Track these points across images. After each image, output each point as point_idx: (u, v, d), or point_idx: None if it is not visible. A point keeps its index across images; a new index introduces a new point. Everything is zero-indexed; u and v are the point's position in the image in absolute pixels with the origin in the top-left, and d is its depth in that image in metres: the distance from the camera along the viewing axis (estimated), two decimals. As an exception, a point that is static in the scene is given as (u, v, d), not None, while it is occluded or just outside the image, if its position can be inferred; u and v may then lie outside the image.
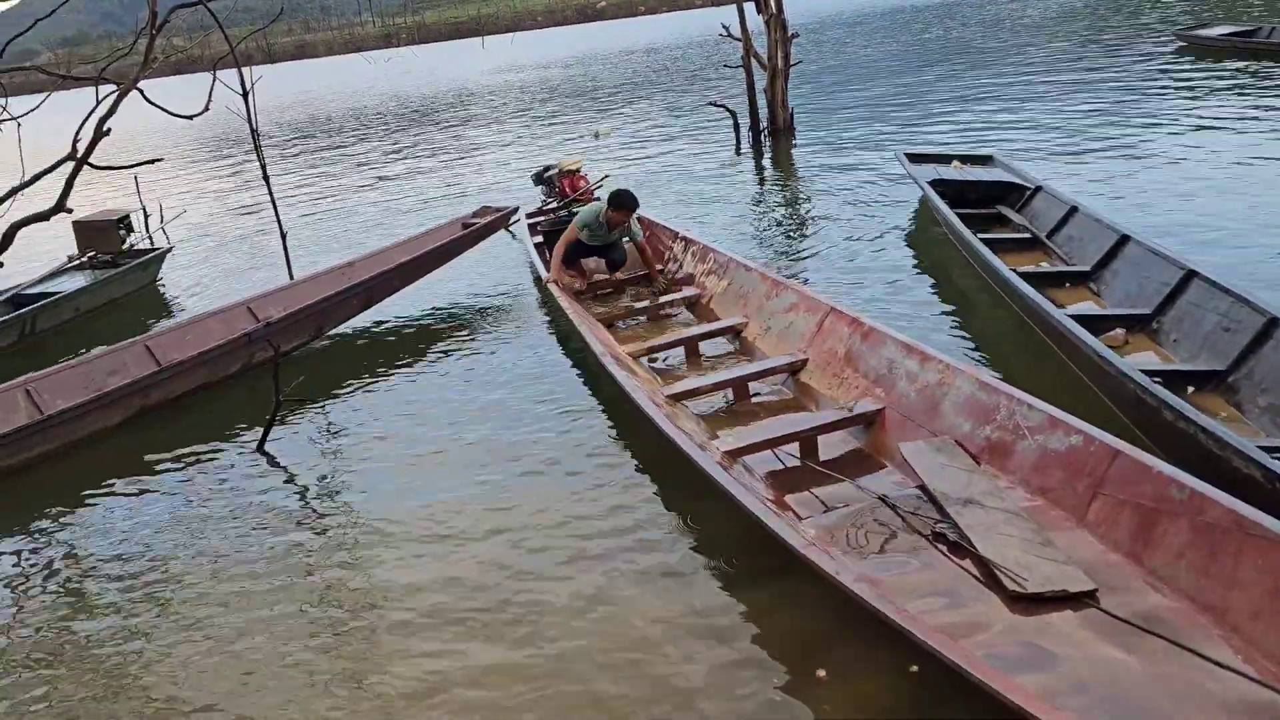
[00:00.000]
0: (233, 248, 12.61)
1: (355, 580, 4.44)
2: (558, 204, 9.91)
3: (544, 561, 4.35)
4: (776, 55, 14.66)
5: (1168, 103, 13.42)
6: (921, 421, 4.67)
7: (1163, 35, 21.32)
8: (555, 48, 57.70)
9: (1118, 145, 11.16)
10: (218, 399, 6.94)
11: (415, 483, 5.32)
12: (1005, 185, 8.53)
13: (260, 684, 3.77)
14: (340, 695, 3.65)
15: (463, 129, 23.53)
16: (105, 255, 10.46)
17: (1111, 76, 16.79)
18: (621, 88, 28.88)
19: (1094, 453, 3.82)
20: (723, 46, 18.46)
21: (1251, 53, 16.82)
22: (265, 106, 15.86)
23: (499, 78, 40.51)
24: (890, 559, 3.79)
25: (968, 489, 4.04)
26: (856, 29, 39.87)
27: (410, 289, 8.37)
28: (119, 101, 8.03)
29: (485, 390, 6.48)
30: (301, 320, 7.52)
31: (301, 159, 21.85)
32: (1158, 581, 3.38)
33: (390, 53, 55.12)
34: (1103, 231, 6.81)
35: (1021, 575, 3.46)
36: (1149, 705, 2.90)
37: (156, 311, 9.85)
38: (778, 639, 3.65)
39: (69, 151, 9.58)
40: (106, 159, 10.38)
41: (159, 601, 4.46)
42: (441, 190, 14.83)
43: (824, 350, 5.62)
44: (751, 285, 6.74)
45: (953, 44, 27.73)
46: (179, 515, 5.28)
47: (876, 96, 19.14)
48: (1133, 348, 5.52)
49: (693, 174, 13.22)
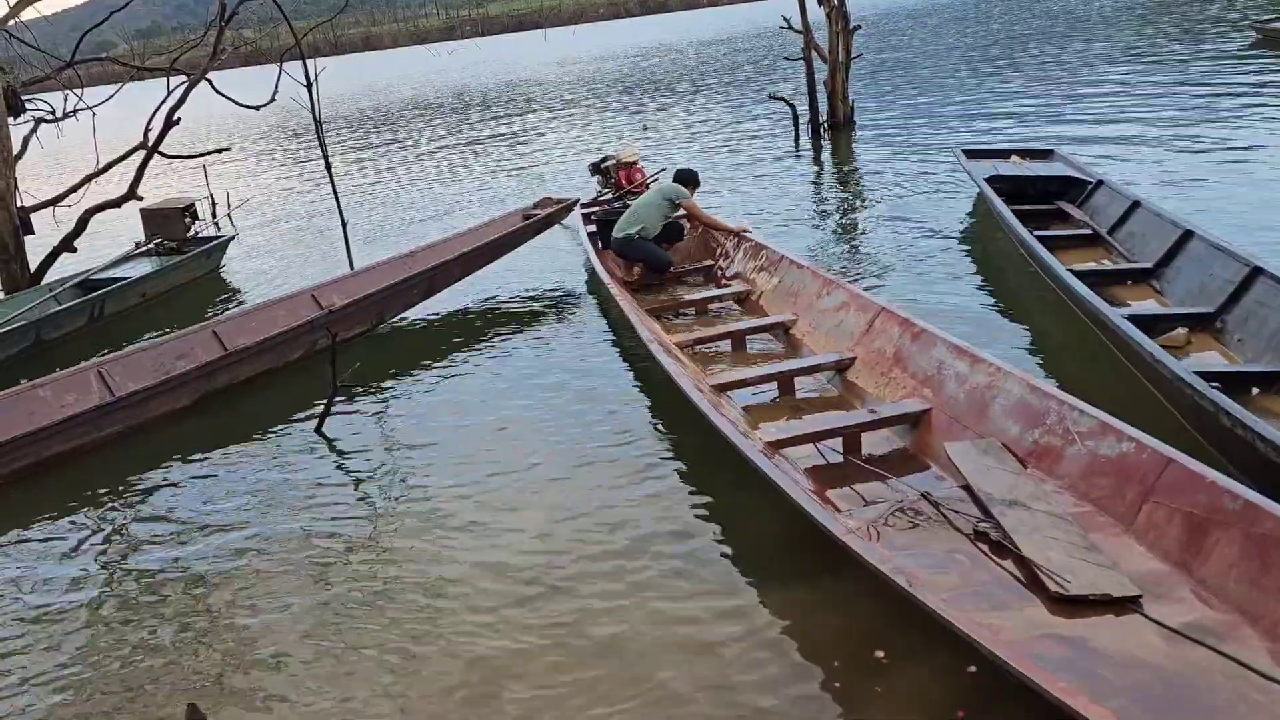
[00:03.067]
0: (295, 236, 12.86)
1: (403, 561, 4.53)
2: (613, 195, 9.96)
3: (592, 549, 4.40)
4: (837, 48, 14.55)
5: (1240, 98, 13.05)
6: (968, 423, 4.63)
7: (1238, 27, 20.72)
8: (617, 40, 57.77)
9: (1186, 140, 10.90)
10: (281, 384, 7.11)
11: (465, 467, 5.40)
12: (1065, 180, 8.39)
13: (313, 660, 3.87)
14: (392, 673, 3.74)
15: (523, 120, 23.72)
16: (171, 242, 10.74)
17: (1182, 69, 16.37)
18: (681, 80, 28.87)
19: (1145, 460, 3.76)
20: (783, 39, 18.34)
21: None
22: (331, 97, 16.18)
23: (560, 70, 40.72)
24: (930, 555, 3.76)
25: (1013, 491, 4.00)
26: (919, 21, 39.33)
27: (466, 279, 8.48)
28: (188, 92, 8.26)
29: (536, 379, 6.55)
30: (364, 308, 7.67)
31: (365, 150, 22.21)
32: (1206, 592, 3.31)
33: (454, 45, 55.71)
34: (1165, 227, 6.67)
35: (1064, 577, 3.42)
36: (1193, 714, 2.85)
37: (219, 298, 10.10)
38: (826, 631, 3.65)
39: (140, 140, 9.88)
40: (178, 149, 10.70)
41: (217, 578, 4.59)
42: (502, 181, 14.98)
43: (872, 350, 5.60)
44: (803, 283, 6.73)
45: (1016, 36, 27.23)
46: (238, 495, 5.43)
47: (938, 90, 18.90)
48: (1196, 347, 5.40)
49: (750, 167, 13.19)
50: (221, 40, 8.63)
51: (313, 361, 7.21)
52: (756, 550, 4.26)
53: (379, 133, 25.99)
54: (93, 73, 12.16)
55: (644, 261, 7.91)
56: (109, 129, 11.64)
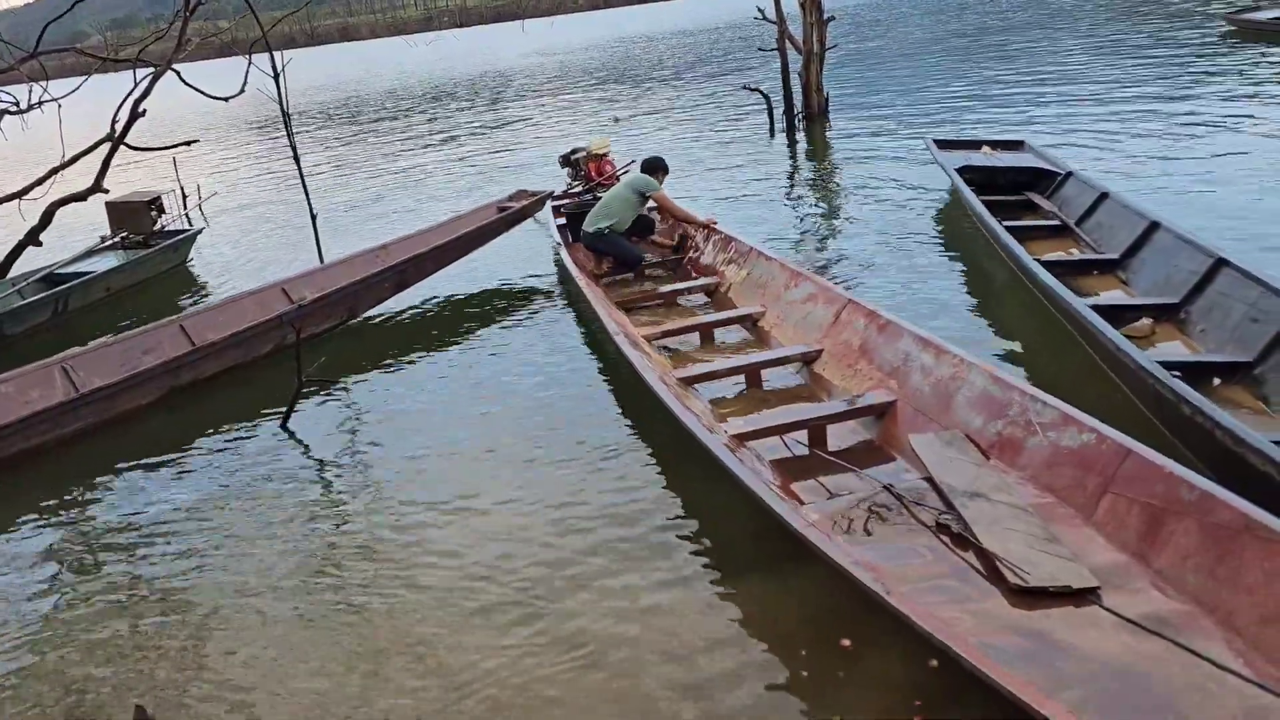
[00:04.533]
0: (264, 229, 12.77)
1: (370, 558, 4.50)
2: (583, 187, 9.92)
3: (560, 545, 4.38)
4: (812, 39, 14.54)
5: (1212, 88, 13.13)
6: (933, 415, 4.65)
7: (1211, 17, 20.86)
8: (595, 31, 57.62)
9: (1158, 131, 10.96)
10: (250, 379, 7.05)
11: (433, 463, 5.39)
12: (1035, 171, 8.42)
13: (276, 662, 3.84)
14: (356, 674, 3.71)
15: (498, 112, 23.61)
16: (137, 236, 10.64)
17: (1156, 60, 16.46)
18: (657, 71, 28.81)
19: (1105, 451, 3.78)
20: (759, 30, 18.32)
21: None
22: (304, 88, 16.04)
23: (537, 61, 40.56)
24: (892, 547, 3.77)
25: (975, 483, 4.01)
26: (892, 12, 39.38)
27: (439, 273, 8.43)
28: (154, 83, 8.16)
29: (506, 373, 6.53)
30: (335, 302, 7.60)
31: (338, 141, 22.05)
32: (1163, 582, 3.33)
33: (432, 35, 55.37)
34: (1132, 218, 6.70)
35: (1024, 569, 3.43)
36: (1149, 705, 2.86)
37: (187, 292, 10.01)
38: (793, 621, 3.65)
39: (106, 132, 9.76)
40: (148, 141, 10.57)
41: (182, 578, 4.55)
42: (475, 173, 14.91)
43: (839, 341, 5.61)
44: (771, 275, 6.73)
45: (990, 27, 27.31)
46: (203, 492, 5.38)
47: (912, 81, 18.94)
48: (1160, 337, 5.43)
49: (725, 159, 13.17)
50: (186, 31, 8.52)
51: (282, 356, 7.14)
52: (724, 542, 4.25)
53: (353, 124, 25.82)
54: (65, 64, 11.99)
55: (614, 257, 7.89)
56: (79, 121, 11.50)
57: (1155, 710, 2.84)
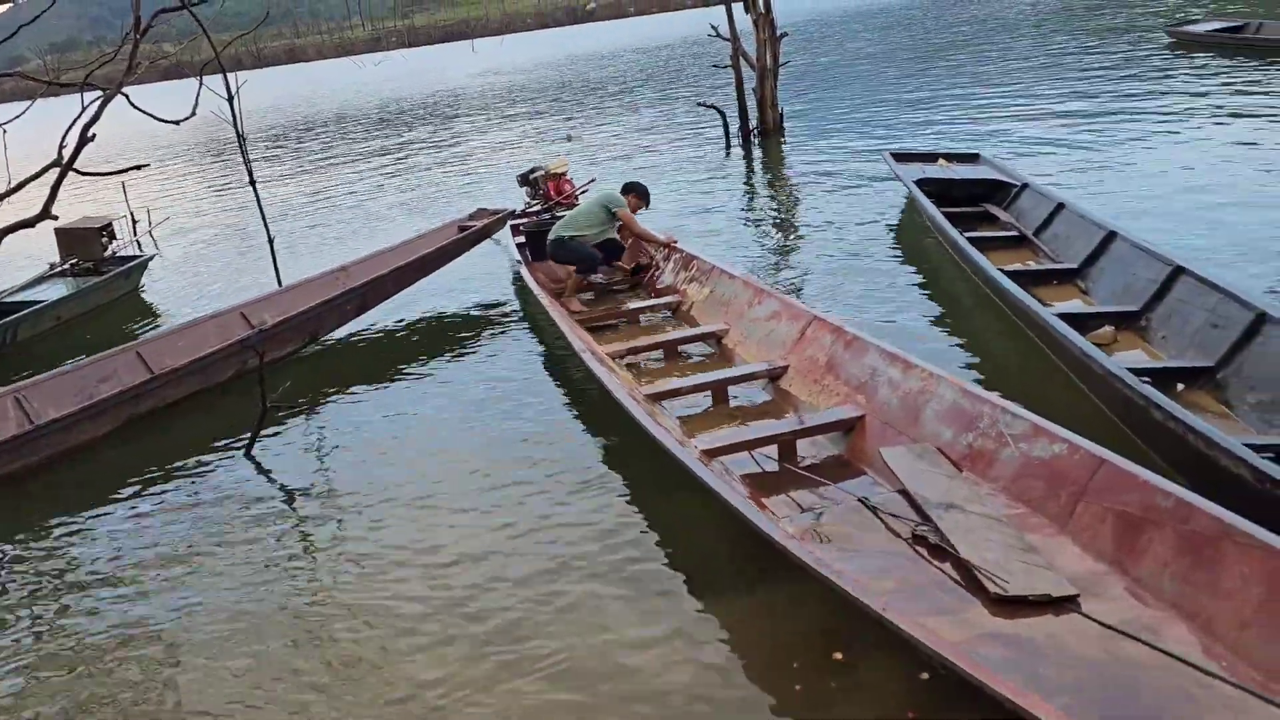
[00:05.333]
0: (219, 253, 12.57)
1: (336, 585, 4.42)
2: (541, 206, 9.89)
3: (529, 567, 4.32)
4: (765, 55, 14.66)
5: (1156, 99, 13.44)
6: (902, 429, 4.66)
7: (1153, 31, 21.38)
8: (545, 50, 57.71)
9: (1106, 141, 11.19)
10: (211, 405, 6.91)
11: (399, 486, 5.30)
12: (991, 183, 8.55)
13: (245, 693, 3.75)
14: (325, 705, 3.63)
15: (451, 132, 23.51)
16: (88, 262, 10.45)
17: (1101, 72, 16.82)
18: (611, 89, 28.90)
19: (1078, 461, 3.81)
20: (712, 47, 18.45)
21: (1238, 48, 16.89)
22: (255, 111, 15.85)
23: (488, 80, 40.51)
24: (869, 560, 3.76)
25: (949, 494, 4.03)
26: (844, 28, 39.90)
27: (400, 294, 8.34)
28: (104, 107, 7.99)
29: (469, 394, 6.47)
30: (296, 326, 7.50)
31: (291, 164, 21.82)
32: (1141, 589, 3.36)
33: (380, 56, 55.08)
34: (1089, 228, 6.82)
35: (1003, 578, 3.45)
36: (1135, 709, 2.88)
37: (140, 319, 9.82)
38: (784, 635, 3.63)
39: (55, 158, 9.52)
40: (96, 166, 10.37)
41: (141, 613, 4.43)
42: (431, 193, 14.82)
43: (805, 358, 5.62)
44: (734, 293, 6.74)
45: (941, 42, 27.76)
46: (166, 523, 5.26)
47: (866, 95, 19.17)
48: (1121, 345, 5.52)
49: (682, 175, 13.20)
50: (137, 54, 8.37)
51: (243, 382, 7.02)
52: (702, 560, 4.23)
53: (305, 146, 25.56)
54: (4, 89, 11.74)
55: (573, 263, 7.75)
56: (24, 147, 11.24)
57: (1142, 715, 2.86)
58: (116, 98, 9.28)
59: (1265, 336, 4.76)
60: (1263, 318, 4.82)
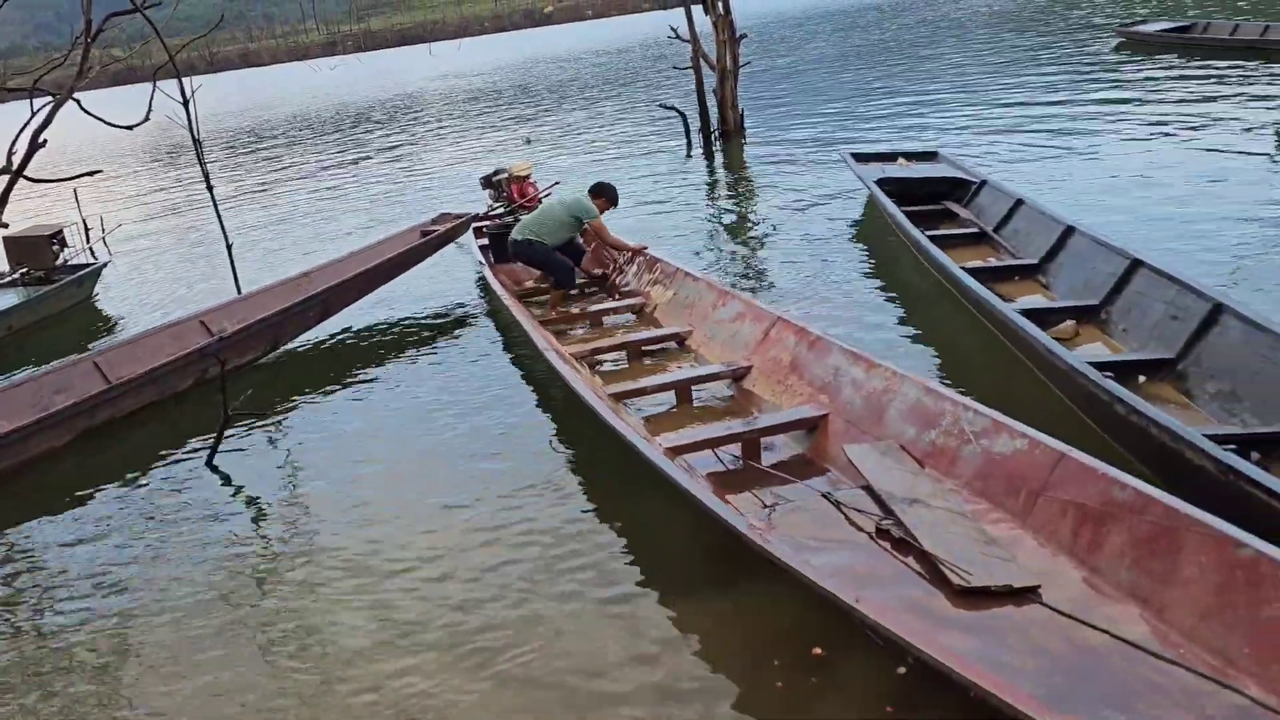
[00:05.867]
0: (176, 260, 12.39)
1: (301, 594, 4.36)
2: (505, 209, 9.83)
3: (499, 570, 4.28)
4: (725, 56, 14.70)
5: (1108, 96, 13.67)
6: (866, 427, 4.69)
7: (1104, 31, 21.74)
8: (503, 53, 57.52)
9: (1061, 138, 11.35)
10: (169, 416, 6.79)
11: (364, 492, 5.25)
12: (951, 181, 8.63)
13: (206, 703, 3.69)
14: (279, 708, 3.59)
15: (410, 135, 23.35)
16: (38, 271, 10.24)
17: (1054, 71, 17.07)
18: (570, 91, 28.86)
19: (1038, 456, 3.86)
20: (672, 49, 18.48)
21: (1186, 48, 17.23)
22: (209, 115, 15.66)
23: (447, 84, 40.29)
24: (835, 555, 3.78)
25: (912, 489, 4.06)
26: (803, 29, 40.18)
27: (363, 299, 8.25)
28: (54, 112, 7.83)
29: (434, 398, 6.41)
30: (257, 333, 7.39)
31: (248, 169, 21.55)
32: (1101, 580, 3.40)
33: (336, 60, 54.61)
34: (1048, 224, 6.90)
35: (966, 570, 3.48)
36: (1097, 697, 2.91)
37: (94, 328, 9.65)
38: (764, 632, 3.62)
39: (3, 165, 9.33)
40: (47, 173, 10.17)
41: (105, 624, 4.35)
42: (390, 197, 14.69)
43: (769, 358, 5.64)
44: (698, 295, 6.74)
45: (899, 43, 28.05)
46: (125, 537, 5.15)
47: (825, 96, 19.29)
48: (1083, 339, 5.58)
49: (643, 177, 13.21)
50: (89, 58, 8.22)
51: (202, 391, 6.91)
52: (679, 558, 4.22)
53: (262, 151, 25.26)
54: (-50, 97, 11.46)
55: (543, 269, 7.65)
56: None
57: (1104, 701, 2.90)
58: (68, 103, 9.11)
59: (1222, 326, 4.84)
60: (1219, 308, 4.90)
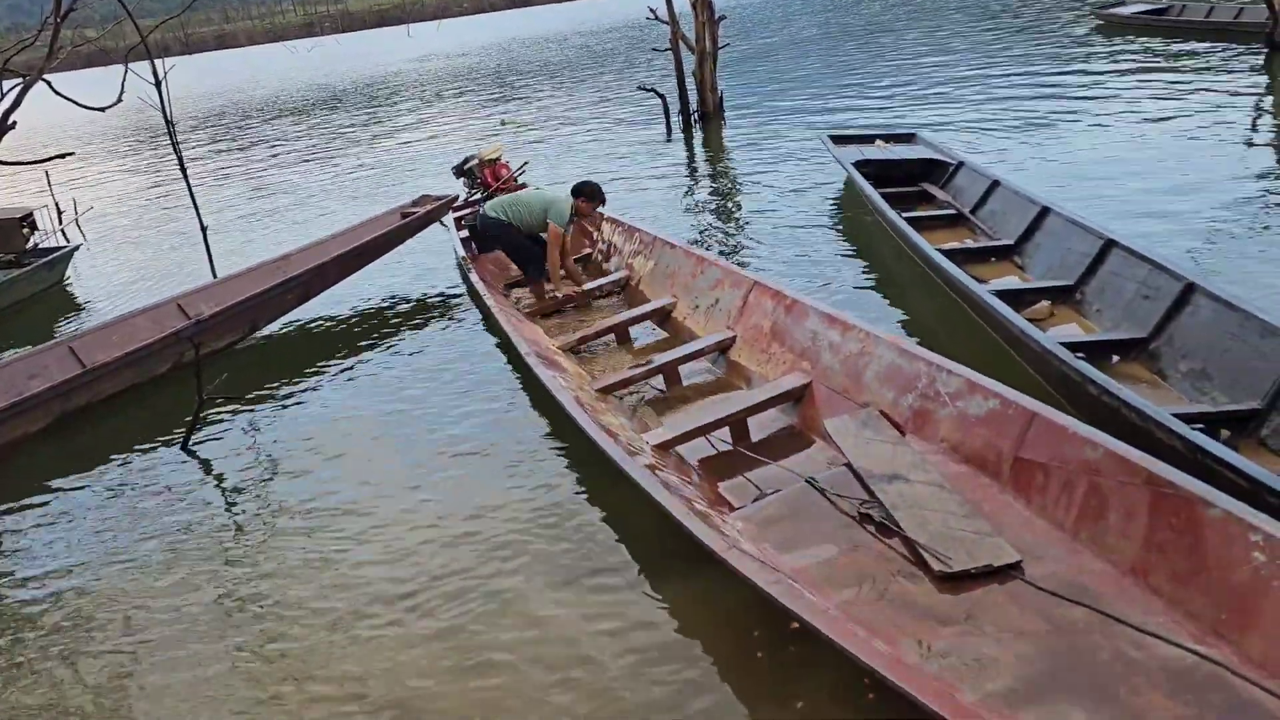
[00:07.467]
0: (150, 243, 12.28)
1: (277, 579, 4.36)
2: (482, 195, 9.79)
3: (476, 558, 4.28)
4: (704, 38, 14.66)
5: (1084, 78, 13.73)
6: (848, 394, 4.70)
7: (1081, 13, 21.80)
8: (483, 35, 57.11)
9: (1039, 119, 11.40)
10: (146, 400, 6.75)
11: (341, 478, 5.24)
12: (928, 163, 8.65)
13: (181, 688, 3.69)
14: (261, 696, 3.59)
15: (391, 117, 23.18)
16: (8, 255, 10.15)
17: (1031, 53, 17.12)
18: (549, 72, 28.71)
19: (1012, 415, 3.87)
20: (651, 31, 18.41)
21: (1162, 30, 17.31)
22: (184, 97, 15.50)
23: (426, 65, 39.99)
24: (819, 548, 3.76)
25: (892, 463, 4.06)
26: (781, 10, 40.08)
27: (343, 282, 8.20)
28: (24, 94, 7.74)
29: (413, 384, 6.39)
30: (235, 316, 7.33)
31: (224, 152, 21.35)
32: (1080, 546, 3.41)
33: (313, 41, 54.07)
34: (1024, 205, 6.93)
35: (946, 554, 3.48)
36: (1075, 680, 2.92)
37: (66, 311, 9.57)
38: (737, 611, 3.62)
39: (-25, 148, 9.19)
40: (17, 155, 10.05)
41: (81, 606, 4.34)
42: (368, 180, 14.60)
43: (750, 326, 5.66)
44: (677, 263, 6.77)
45: (877, 24, 28.03)
46: (102, 521, 5.13)
47: (804, 78, 19.29)
48: (1058, 319, 5.62)
49: (622, 159, 13.18)
50: (59, 39, 8.11)
51: (181, 375, 6.85)
52: (657, 540, 4.18)
53: (238, 133, 25.02)
54: (-82, 79, 11.30)
55: (513, 258, 7.50)
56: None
57: (1082, 685, 2.90)
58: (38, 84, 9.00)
59: (1194, 306, 4.88)
60: (1191, 288, 4.94)
